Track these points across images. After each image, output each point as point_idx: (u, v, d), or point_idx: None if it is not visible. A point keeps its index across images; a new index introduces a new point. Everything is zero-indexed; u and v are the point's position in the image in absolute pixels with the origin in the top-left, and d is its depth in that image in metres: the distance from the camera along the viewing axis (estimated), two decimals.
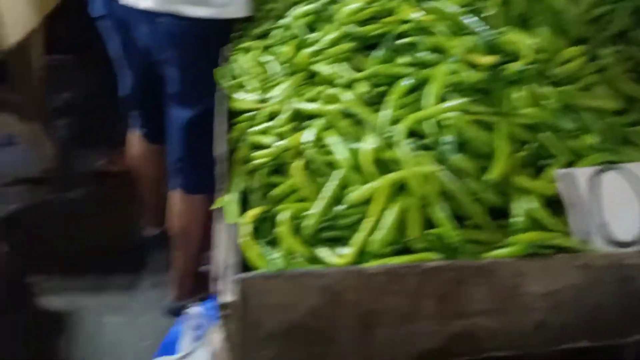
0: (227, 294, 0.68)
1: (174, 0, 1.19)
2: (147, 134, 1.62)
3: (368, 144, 0.80)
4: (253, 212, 0.80)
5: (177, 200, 1.48)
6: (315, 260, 0.75)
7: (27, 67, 1.86)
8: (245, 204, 0.83)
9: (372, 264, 0.71)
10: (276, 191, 0.83)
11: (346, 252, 0.73)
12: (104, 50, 2.77)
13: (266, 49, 1.10)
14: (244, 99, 0.97)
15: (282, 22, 1.11)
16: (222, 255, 0.76)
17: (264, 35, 1.16)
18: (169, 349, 1.25)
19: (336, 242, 0.77)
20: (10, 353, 1.59)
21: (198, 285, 1.67)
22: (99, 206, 2.12)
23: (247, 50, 1.12)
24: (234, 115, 0.98)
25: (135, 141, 1.67)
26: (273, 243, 0.78)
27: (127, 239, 1.95)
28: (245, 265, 0.73)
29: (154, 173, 1.76)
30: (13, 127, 2.01)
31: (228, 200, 0.81)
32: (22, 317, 1.70)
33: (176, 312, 1.66)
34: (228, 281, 0.69)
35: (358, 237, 0.74)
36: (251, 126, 0.92)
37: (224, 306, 0.69)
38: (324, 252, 0.76)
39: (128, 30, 1.28)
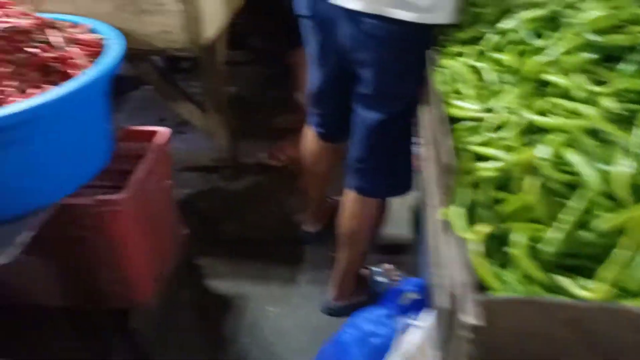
0: (467, 315, 0.64)
1: (381, 2, 1.18)
2: (322, 133, 1.65)
3: (622, 166, 0.72)
4: (483, 229, 0.75)
5: (350, 201, 1.48)
6: (554, 289, 0.70)
7: (213, 61, 1.99)
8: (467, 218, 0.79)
9: (633, 303, 0.63)
10: (506, 208, 0.78)
11: (597, 286, 0.66)
12: (268, 46, 2.92)
13: (479, 54, 1.05)
14: (464, 106, 0.93)
15: (498, 27, 1.05)
16: (452, 271, 0.73)
17: (472, 41, 1.12)
18: (340, 350, 1.26)
19: (576, 271, 0.71)
20: (182, 326, 1.71)
21: (358, 287, 1.68)
22: (261, 197, 2.23)
23: (456, 55, 1.08)
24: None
25: (309, 138, 1.71)
26: (502, 263, 0.74)
27: (288, 232, 2.02)
28: (478, 285, 0.70)
29: (323, 171, 1.79)
30: (192, 117, 2.16)
31: (456, 213, 0.78)
32: (193, 295, 1.82)
33: (334, 311, 1.68)
34: (467, 302, 0.66)
35: (612, 271, 0.66)
36: (472, 135, 0.88)
37: (460, 326, 0.65)
38: (566, 282, 0.69)
39: (330, 29, 1.30)
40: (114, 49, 1.32)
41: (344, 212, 1.51)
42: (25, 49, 1.18)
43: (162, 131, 1.61)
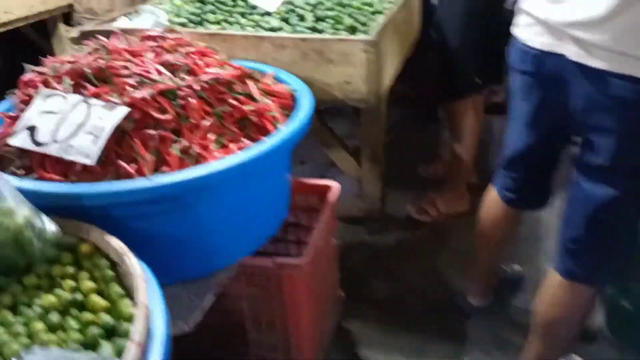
0: None
1: (636, 62, 0.99)
2: (511, 199, 1.46)
3: None
4: None
5: (555, 285, 1.26)
6: None
7: (378, 110, 1.88)
8: None
9: None
10: None
11: None
12: (415, 91, 2.78)
13: None
14: None
15: None
16: None
17: None
18: None
19: None
20: None
21: None
22: (412, 255, 2.06)
23: None
24: None
25: (491, 200, 1.52)
26: None
27: (445, 299, 1.82)
28: None
29: (501, 238, 1.60)
30: (344, 164, 2.06)
31: None
32: None
33: None
34: None
35: None
36: None
37: None
38: None
39: (557, 87, 1.13)
40: (305, 103, 1.24)
41: (545, 296, 1.30)
42: (227, 100, 1.12)
43: (334, 187, 1.50)
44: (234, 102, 1.11)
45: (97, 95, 1.03)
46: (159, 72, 1.07)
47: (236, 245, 1.15)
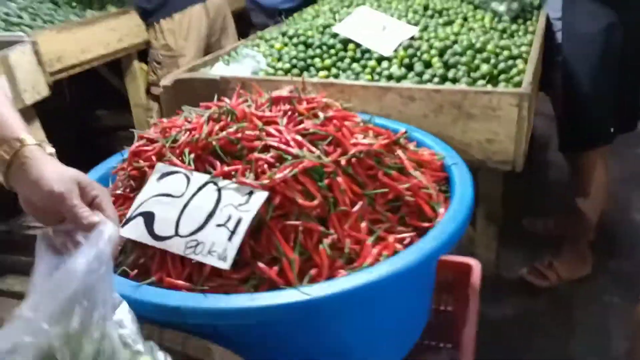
0: None
1: None
2: None
3: None
4: None
5: None
6: None
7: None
8: None
9: None
10: None
11: None
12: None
13: None
14: None
15: None
16: None
17: None
18: None
19: None
20: None
21: None
22: (533, 330, 1.78)
23: None
24: None
25: None
26: None
27: None
28: None
29: None
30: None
31: None
32: None
33: None
34: None
35: None
36: None
37: None
38: None
39: None
40: (460, 175, 0.99)
41: None
42: (378, 177, 0.90)
43: (475, 266, 1.26)
44: (388, 181, 0.89)
45: (227, 176, 0.83)
46: (299, 145, 0.86)
47: (389, 355, 0.92)
